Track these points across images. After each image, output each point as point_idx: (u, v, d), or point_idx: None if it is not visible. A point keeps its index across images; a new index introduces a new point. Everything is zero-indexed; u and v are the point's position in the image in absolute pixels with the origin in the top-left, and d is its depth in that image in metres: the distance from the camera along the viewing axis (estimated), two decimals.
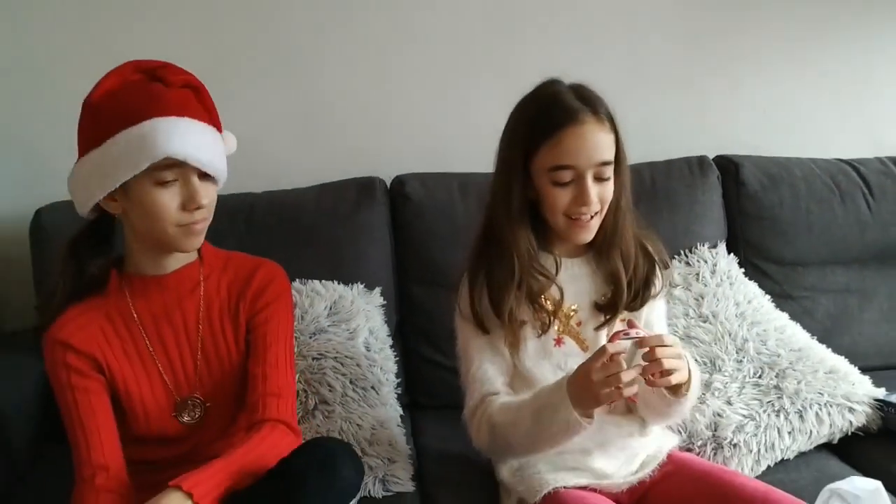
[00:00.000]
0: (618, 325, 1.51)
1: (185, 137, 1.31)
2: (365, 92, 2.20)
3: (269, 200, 2.02)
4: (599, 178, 1.42)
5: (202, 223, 1.39)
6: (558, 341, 1.51)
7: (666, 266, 1.57)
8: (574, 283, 1.52)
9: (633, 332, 1.35)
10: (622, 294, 1.50)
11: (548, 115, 1.42)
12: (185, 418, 1.44)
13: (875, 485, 1.31)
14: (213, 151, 1.36)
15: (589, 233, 1.47)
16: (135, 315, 1.42)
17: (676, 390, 1.38)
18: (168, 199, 1.33)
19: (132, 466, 1.40)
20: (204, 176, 1.36)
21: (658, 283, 1.54)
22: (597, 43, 2.22)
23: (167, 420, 1.43)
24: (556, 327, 1.50)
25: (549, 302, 1.49)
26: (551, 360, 1.51)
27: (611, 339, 1.37)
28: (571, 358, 1.49)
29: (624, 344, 1.30)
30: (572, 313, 1.51)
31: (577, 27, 2.22)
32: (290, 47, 2.17)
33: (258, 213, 1.98)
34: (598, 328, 1.52)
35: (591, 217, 1.44)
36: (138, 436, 1.43)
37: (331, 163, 2.14)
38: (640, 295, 1.52)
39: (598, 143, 1.40)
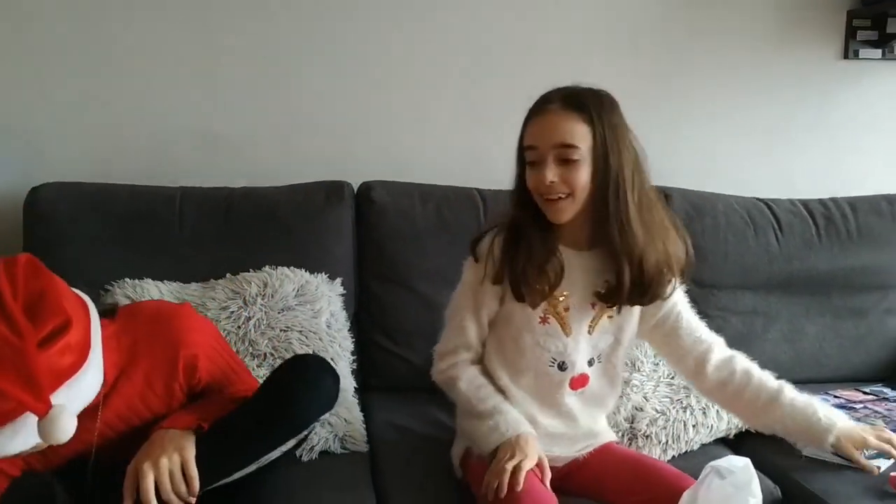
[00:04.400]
0: (605, 319, 1.62)
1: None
2: (340, 104, 2.35)
3: (246, 195, 2.15)
4: (564, 162, 1.50)
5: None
6: (543, 320, 1.60)
7: (677, 272, 1.61)
8: (572, 272, 1.58)
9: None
10: (623, 288, 1.55)
11: (533, 105, 1.57)
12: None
13: (744, 461, 1.43)
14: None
15: (560, 213, 1.53)
16: None
17: None
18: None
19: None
20: None
21: (669, 286, 1.61)
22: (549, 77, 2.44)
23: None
24: (543, 306, 1.59)
25: (551, 276, 1.57)
26: (533, 335, 1.62)
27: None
28: (551, 339, 1.61)
29: None
30: (562, 297, 1.59)
31: (537, 61, 2.38)
32: (274, 58, 2.32)
33: (235, 206, 2.11)
34: (587, 319, 1.62)
35: (561, 198, 1.52)
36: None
37: (305, 167, 2.27)
38: (646, 293, 1.57)
39: (558, 126, 1.50)
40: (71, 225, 2.03)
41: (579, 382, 1.66)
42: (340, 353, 1.95)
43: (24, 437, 1.20)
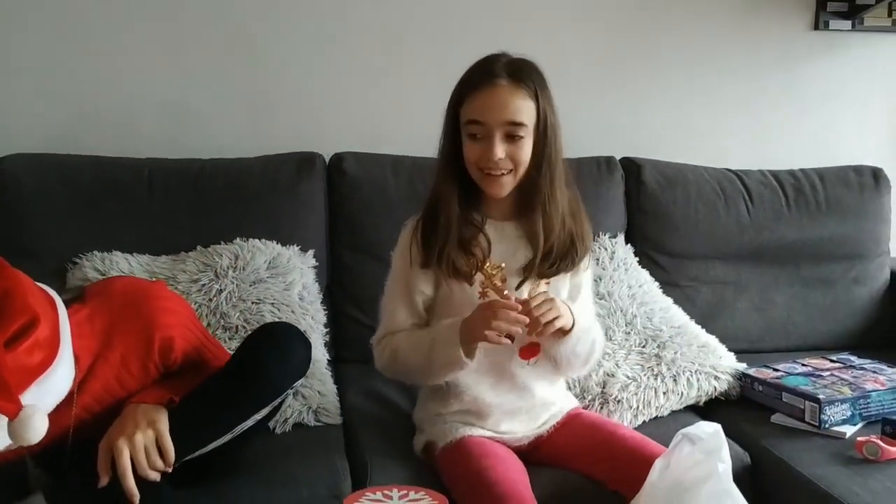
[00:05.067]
0: (542, 287, 1.60)
1: None
2: (309, 76, 2.34)
3: (216, 166, 2.13)
4: (510, 138, 1.52)
5: None
6: (482, 294, 1.57)
7: (584, 247, 1.64)
8: (501, 243, 1.60)
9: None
10: (536, 258, 1.58)
11: (473, 76, 1.55)
12: None
13: (715, 427, 1.44)
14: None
15: (500, 188, 1.56)
16: None
17: (566, 333, 1.54)
18: None
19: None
20: None
21: (576, 257, 1.62)
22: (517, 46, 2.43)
23: None
24: (480, 280, 1.58)
25: (478, 250, 1.58)
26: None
27: None
28: None
29: None
30: (497, 270, 1.57)
31: (502, 28, 2.37)
32: (243, 27, 2.30)
33: (206, 177, 2.10)
34: (518, 287, 1.59)
35: (503, 173, 1.54)
36: None
37: (275, 138, 2.27)
38: (556, 264, 1.60)
39: (508, 104, 1.50)
40: (37, 197, 2.01)
41: (529, 352, 1.63)
42: (313, 326, 1.95)
43: None
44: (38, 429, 1.19)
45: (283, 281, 1.96)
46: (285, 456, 1.63)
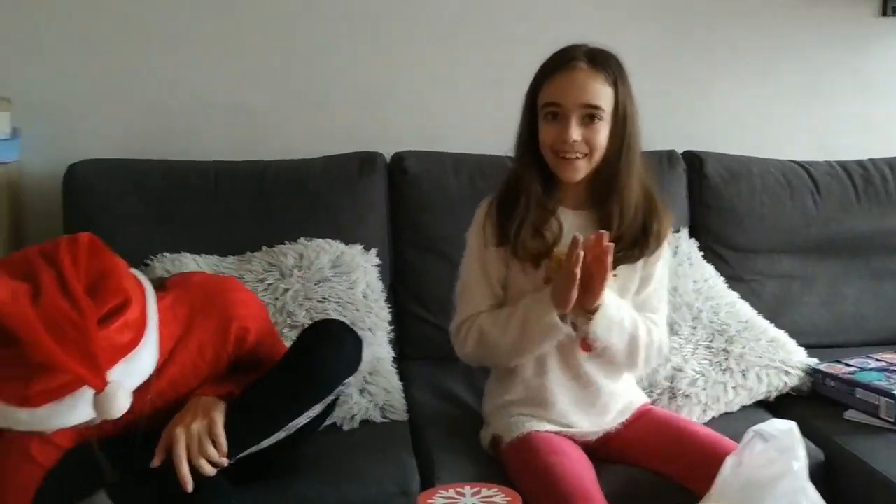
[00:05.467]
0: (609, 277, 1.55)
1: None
2: (370, 76, 2.35)
3: (279, 167, 2.16)
4: (587, 121, 1.53)
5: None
6: (546, 281, 1.59)
7: (657, 239, 1.62)
8: (573, 230, 1.56)
9: None
10: (618, 244, 1.54)
11: (552, 61, 1.57)
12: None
13: (789, 425, 1.42)
14: (59, 417, 1.24)
15: (575, 171, 1.56)
16: None
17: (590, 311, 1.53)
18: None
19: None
20: None
21: (645, 249, 1.61)
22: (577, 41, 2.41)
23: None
24: (547, 264, 1.59)
25: (549, 234, 1.59)
26: None
27: None
28: None
29: None
30: (564, 257, 1.55)
31: (562, 25, 2.26)
32: (304, 29, 2.32)
33: (269, 178, 2.13)
34: None
35: (578, 157, 1.54)
36: None
37: (336, 139, 2.28)
38: (624, 252, 1.58)
39: (586, 87, 1.52)
40: (108, 201, 2.06)
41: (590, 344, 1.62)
42: (378, 324, 1.97)
43: (81, 410, 1.24)
44: (121, 404, 1.25)
45: (348, 279, 1.98)
46: (353, 452, 1.65)
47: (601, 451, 1.65)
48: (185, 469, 1.36)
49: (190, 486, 1.35)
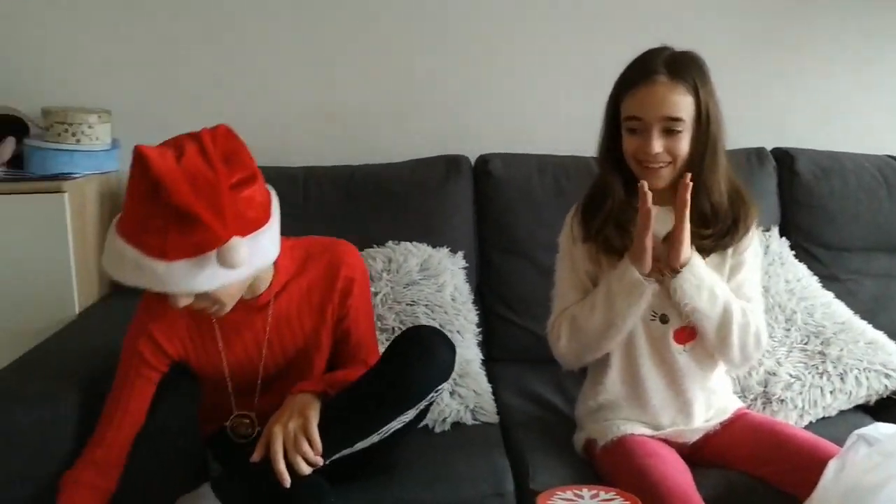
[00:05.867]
0: None
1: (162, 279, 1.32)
2: (454, 79, 2.38)
3: (366, 172, 2.20)
4: (668, 132, 1.53)
5: (217, 311, 1.44)
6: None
7: (744, 229, 1.62)
8: (657, 225, 1.55)
9: None
10: (703, 237, 1.57)
11: (632, 72, 1.57)
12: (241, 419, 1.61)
13: (894, 428, 1.41)
14: (190, 277, 1.32)
15: (659, 179, 1.56)
16: (214, 321, 1.53)
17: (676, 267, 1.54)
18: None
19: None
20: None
21: (733, 238, 1.60)
22: (665, 40, 2.39)
23: (226, 403, 1.61)
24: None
25: (633, 229, 1.57)
26: None
27: None
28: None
29: None
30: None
31: (651, 23, 2.34)
32: (391, 37, 2.36)
33: (357, 183, 2.17)
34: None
35: (662, 166, 1.55)
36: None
37: (420, 142, 2.32)
38: (721, 239, 1.59)
39: (665, 100, 1.51)
40: None
41: (684, 336, 1.62)
42: (466, 326, 1.98)
43: (208, 272, 1.31)
44: (243, 256, 1.32)
45: (436, 282, 2.00)
46: (445, 454, 1.67)
47: (696, 455, 1.63)
48: (281, 465, 1.40)
49: (287, 482, 1.39)
